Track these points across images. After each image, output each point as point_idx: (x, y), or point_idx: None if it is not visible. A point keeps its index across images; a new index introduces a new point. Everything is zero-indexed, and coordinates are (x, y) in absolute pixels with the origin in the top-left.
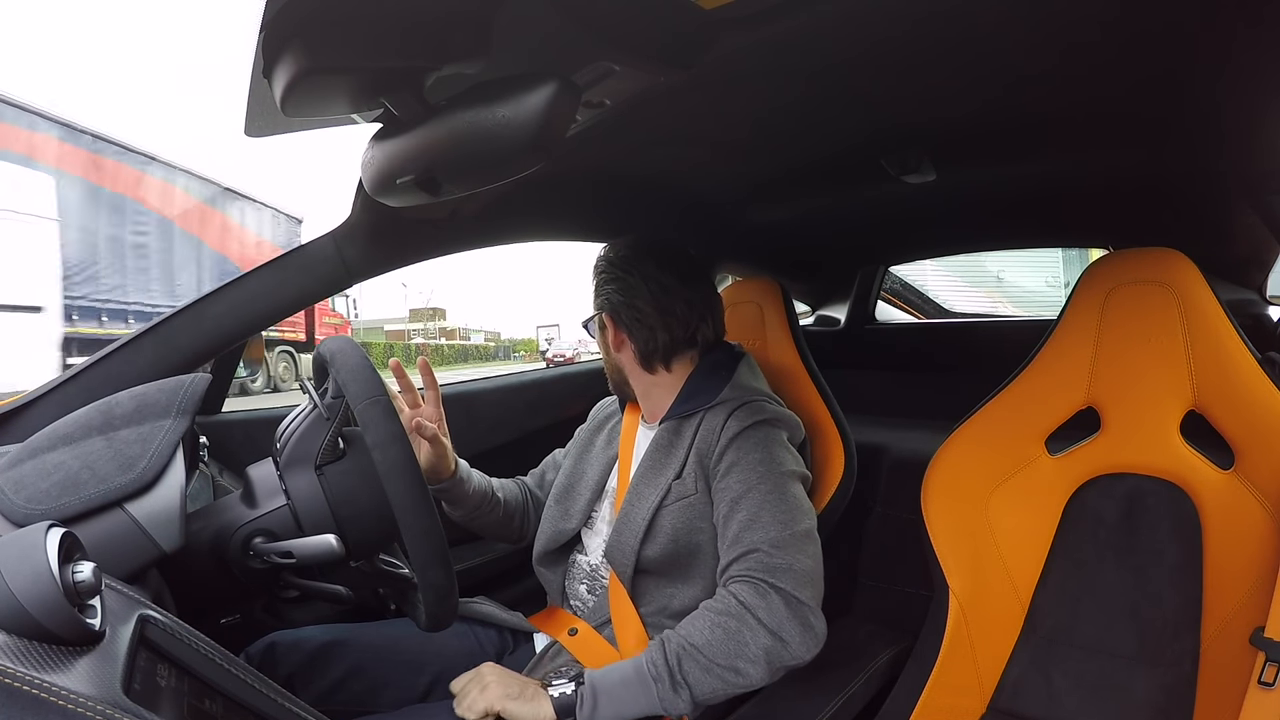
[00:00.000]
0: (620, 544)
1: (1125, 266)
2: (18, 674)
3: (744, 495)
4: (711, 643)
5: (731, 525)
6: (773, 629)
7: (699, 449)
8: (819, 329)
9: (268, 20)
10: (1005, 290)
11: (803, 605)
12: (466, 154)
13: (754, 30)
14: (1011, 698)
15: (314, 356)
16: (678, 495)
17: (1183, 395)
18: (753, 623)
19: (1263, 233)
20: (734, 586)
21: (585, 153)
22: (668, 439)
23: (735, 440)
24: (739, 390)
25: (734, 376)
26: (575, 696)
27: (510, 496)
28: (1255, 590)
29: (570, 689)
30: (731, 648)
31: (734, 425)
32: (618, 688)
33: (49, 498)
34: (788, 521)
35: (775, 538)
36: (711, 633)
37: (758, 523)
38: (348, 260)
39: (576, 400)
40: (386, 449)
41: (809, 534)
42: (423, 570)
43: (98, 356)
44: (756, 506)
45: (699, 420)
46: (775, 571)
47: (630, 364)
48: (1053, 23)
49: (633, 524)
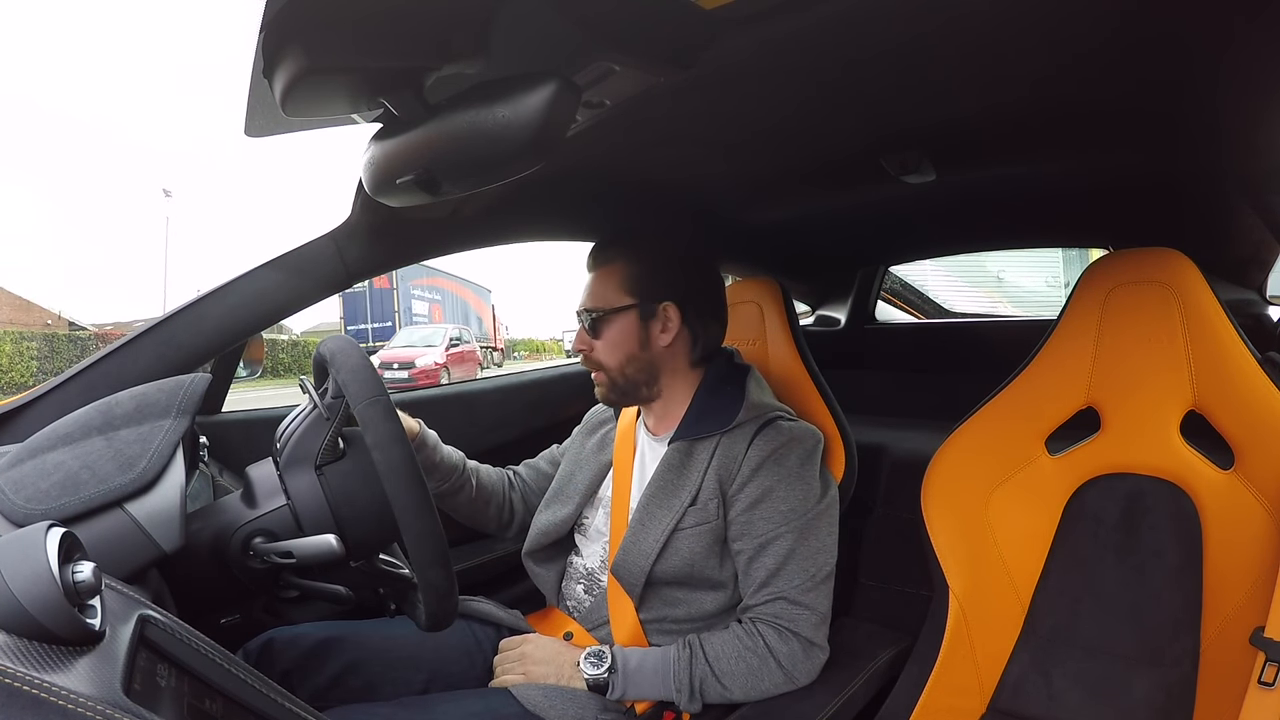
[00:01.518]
0: (629, 563)
1: (1125, 266)
2: (18, 674)
3: (772, 540)
4: (733, 674)
5: (758, 567)
6: (788, 669)
7: (719, 475)
8: (819, 329)
9: (268, 20)
10: (1005, 290)
11: (815, 647)
12: (466, 154)
13: (754, 30)
14: (1011, 698)
15: (314, 356)
16: (697, 520)
17: (1183, 395)
18: (773, 665)
19: (1263, 233)
20: (761, 627)
21: (585, 153)
22: (679, 460)
23: (760, 471)
24: (754, 410)
25: (745, 395)
26: (608, 684)
27: (487, 481)
28: (1255, 590)
29: (604, 676)
30: (749, 682)
31: (756, 453)
32: (644, 685)
33: (49, 498)
34: (813, 571)
35: (802, 584)
36: (735, 665)
37: (784, 571)
38: (348, 260)
39: (577, 400)
40: (387, 449)
41: (830, 575)
42: (422, 570)
43: (97, 356)
44: (785, 554)
45: (715, 444)
46: (797, 619)
47: (677, 361)
48: (1052, 23)
49: (644, 546)
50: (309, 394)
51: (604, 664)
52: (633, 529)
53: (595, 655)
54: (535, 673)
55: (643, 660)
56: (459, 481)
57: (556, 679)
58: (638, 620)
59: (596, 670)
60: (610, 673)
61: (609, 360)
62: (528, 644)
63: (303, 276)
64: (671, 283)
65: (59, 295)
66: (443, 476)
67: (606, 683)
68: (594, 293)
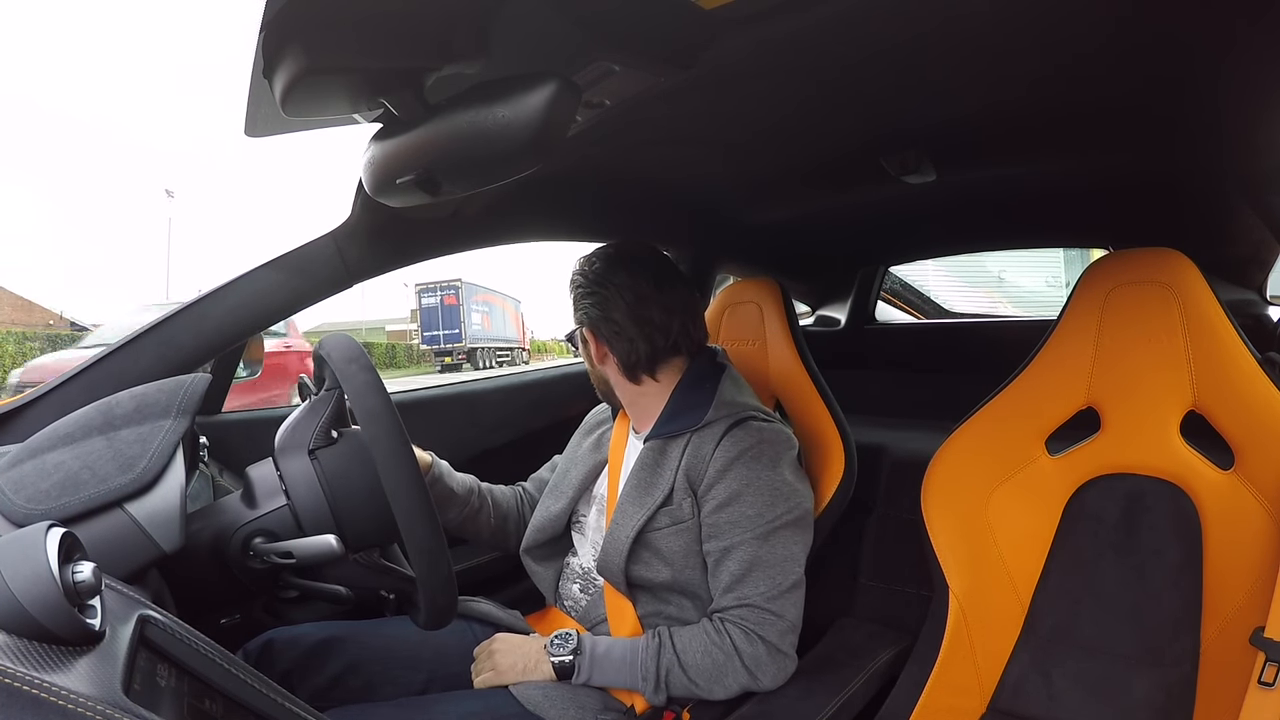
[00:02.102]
0: (608, 562)
1: (1125, 266)
2: (18, 674)
3: (736, 546)
4: (699, 667)
5: (724, 571)
6: (752, 669)
7: (688, 474)
8: (819, 329)
9: (268, 20)
10: (1005, 290)
11: (781, 653)
12: (466, 154)
13: (754, 30)
14: (1011, 698)
15: (314, 354)
16: (672, 520)
17: (1183, 395)
18: (738, 664)
19: (1263, 233)
20: (730, 627)
21: (585, 153)
22: (653, 458)
23: (729, 471)
24: (725, 408)
25: (717, 393)
26: (573, 665)
27: (503, 500)
28: (1255, 590)
29: (569, 659)
30: (713, 675)
31: (724, 453)
32: (610, 671)
33: (49, 498)
34: (778, 579)
35: (767, 592)
36: (702, 659)
37: (750, 578)
38: (348, 260)
39: (578, 400)
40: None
41: (796, 584)
42: (420, 561)
43: (97, 356)
44: (749, 561)
45: (686, 441)
46: (764, 624)
47: (615, 376)
48: (1052, 22)
49: (617, 542)
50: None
51: (569, 645)
52: (611, 528)
53: (561, 637)
54: (503, 664)
55: (610, 647)
56: (476, 504)
57: (524, 667)
58: (636, 617)
59: (561, 652)
60: (576, 654)
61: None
62: (496, 642)
63: (303, 276)
64: (584, 310)
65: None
66: (461, 503)
67: (572, 665)
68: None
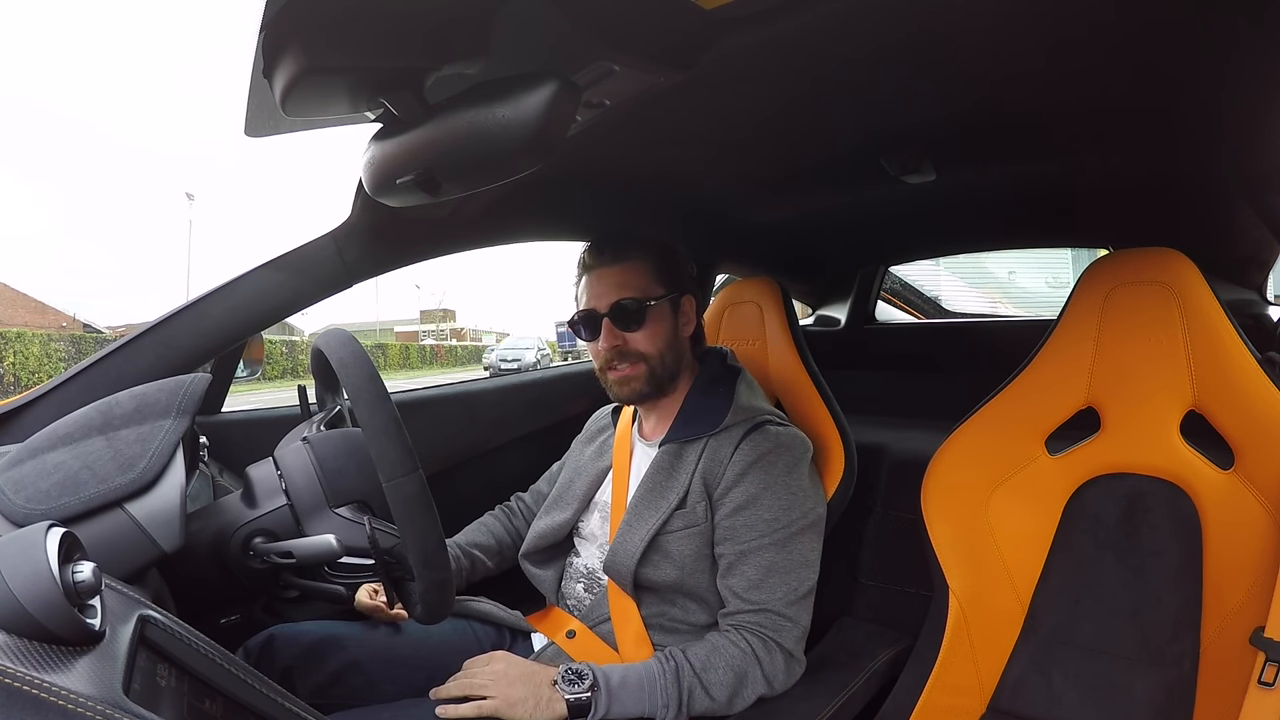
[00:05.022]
0: (616, 564)
1: (1125, 266)
2: (18, 674)
3: (753, 551)
4: (721, 684)
5: (738, 575)
6: (770, 679)
7: (704, 478)
8: (819, 329)
9: (268, 20)
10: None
11: (794, 660)
12: (466, 154)
13: (754, 30)
14: (1012, 698)
15: (312, 351)
16: (685, 523)
17: (1183, 395)
18: (757, 674)
19: (1263, 233)
20: (748, 636)
21: (585, 153)
22: (669, 462)
23: (746, 475)
24: (742, 413)
25: (735, 397)
26: (590, 702)
27: (490, 537)
28: (1255, 590)
29: (586, 695)
30: (734, 691)
31: (743, 457)
32: (629, 701)
33: (49, 498)
34: (795, 584)
35: (785, 597)
36: (724, 675)
37: (767, 583)
38: (348, 260)
39: (577, 400)
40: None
41: (811, 590)
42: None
43: (97, 356)
44: (766, 566)
45: (703, 446)
46: (781, 630)
47: (689, 354)
48: (1053, 22)
49: (629, 545)
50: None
51: (584, 682)
52: (621, 530)
53: (574, 674)
54: (511, 695)
55: (625, 676)
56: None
57: (535, 701)
58: (640, 617)
59: (577, 690)
60: (593, 691)
61: (650, 349)
62: (499, 663)
63: (303, 276)
64: (688, 277)
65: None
66: (473, 569)
67: (589, 703)
68: (626, 284)
